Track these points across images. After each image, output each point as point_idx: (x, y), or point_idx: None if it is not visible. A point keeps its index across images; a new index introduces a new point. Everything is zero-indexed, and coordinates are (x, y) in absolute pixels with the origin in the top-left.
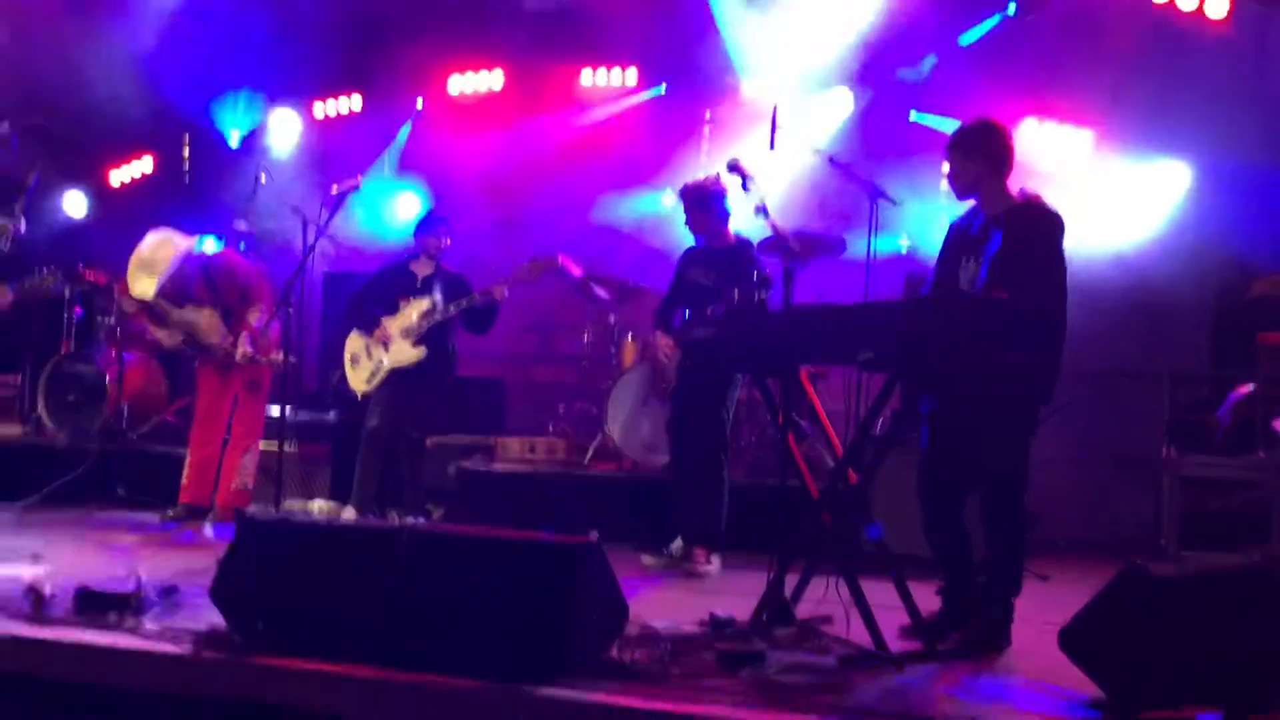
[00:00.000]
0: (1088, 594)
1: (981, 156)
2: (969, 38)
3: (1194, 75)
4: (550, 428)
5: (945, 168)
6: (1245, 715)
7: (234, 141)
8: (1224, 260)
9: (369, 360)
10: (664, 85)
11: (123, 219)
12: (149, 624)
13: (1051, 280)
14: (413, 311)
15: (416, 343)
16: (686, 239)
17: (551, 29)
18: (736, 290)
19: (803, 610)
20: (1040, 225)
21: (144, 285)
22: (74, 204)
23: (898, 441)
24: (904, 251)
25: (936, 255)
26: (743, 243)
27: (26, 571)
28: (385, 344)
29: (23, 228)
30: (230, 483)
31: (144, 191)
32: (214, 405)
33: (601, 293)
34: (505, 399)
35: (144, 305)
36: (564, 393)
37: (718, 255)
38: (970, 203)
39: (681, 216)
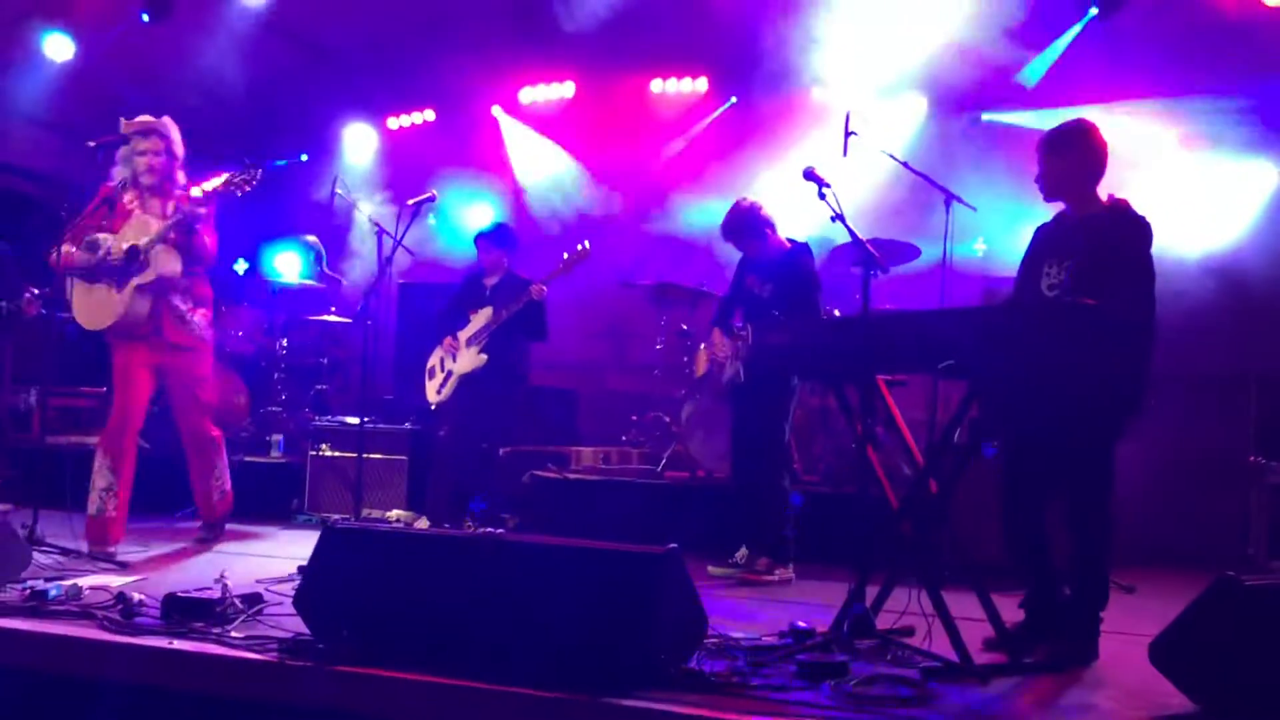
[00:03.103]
0: (1175, 605)
1: (1075, 157)
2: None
3: None
4: (624, 437)
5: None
6: None
7: (308, 155)
8: None
9: (441, 372)
10: (734, 97)
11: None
12: (235, 632)
13: (1140, 287)
14: (478, 320)
15: (480, 350)
16: None
17: (621, 39)
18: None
19: (884, 621)
20: (1129, 231)
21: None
22: None
23: (978, 451)
24: (979, 256)
25: (1018, 261)
26: (798, 249)
27: (115, 580)
28: (454, 354)
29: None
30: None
31: (218, 204)
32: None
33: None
34: (579, 408)
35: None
36: (637, 402)
37: (774, 263)
38: (1054, 207)
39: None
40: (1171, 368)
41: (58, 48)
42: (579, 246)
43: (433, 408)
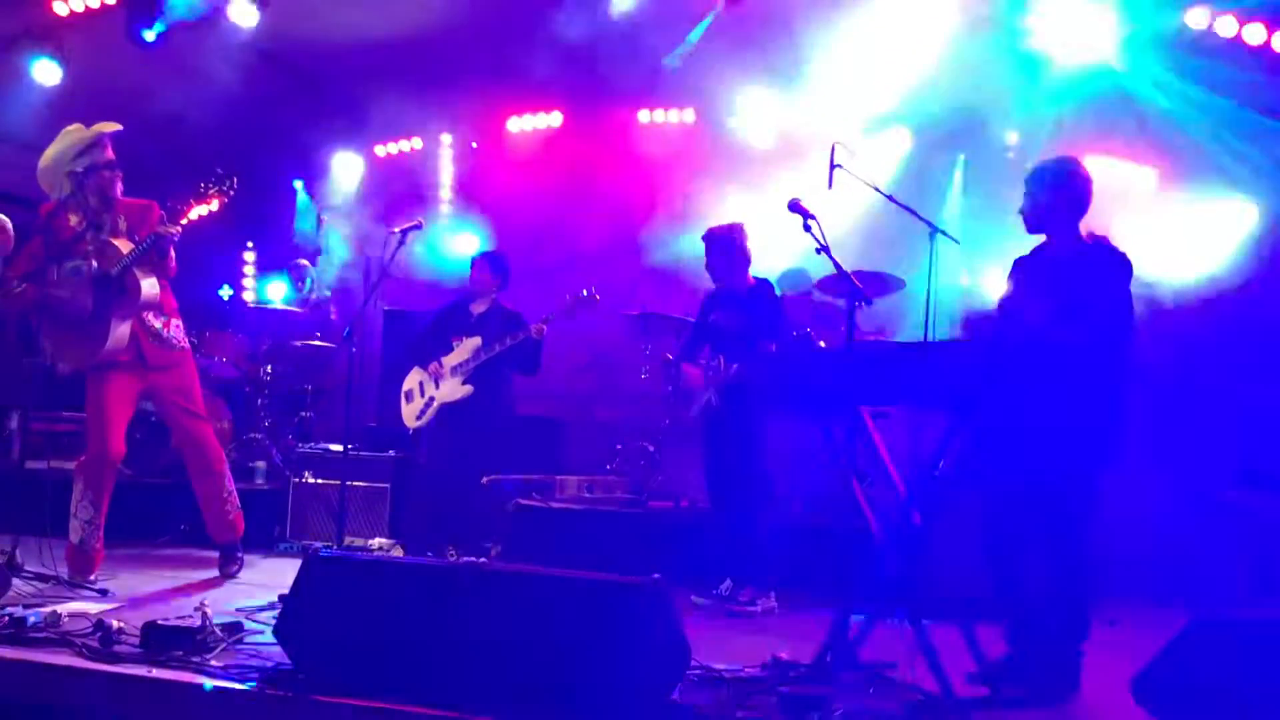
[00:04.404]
0: (1157, 639)
1: (1060, 192)
2: None
3: (1260, 112)
4: (608, 466)
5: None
6: None
7: (297, 182)
8: None
9: (421, 397)
10: (726, 122)
11: (187, 259)
12: (214, 661)
13: (1118, 321)
14: (464, 350)
15: (465, 380)
16: None
17: (609, 70)
18: (775, 346)
19: (867, 654)
20: (1108, 266)
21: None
22: None
23: (961, 482)
24: (963, 289)
25: (999, 294)
26: (762, 284)
27: (94, 607)
28: (437, 380)
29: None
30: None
31: (208, 231)
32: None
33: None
34: (564, 437)
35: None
36: (622, 431)
37: (739, 298)
38: (1037, 241)
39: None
40: (1153, 402)
41: (46, 72)
42: (584, 292)
43: (410, 432)
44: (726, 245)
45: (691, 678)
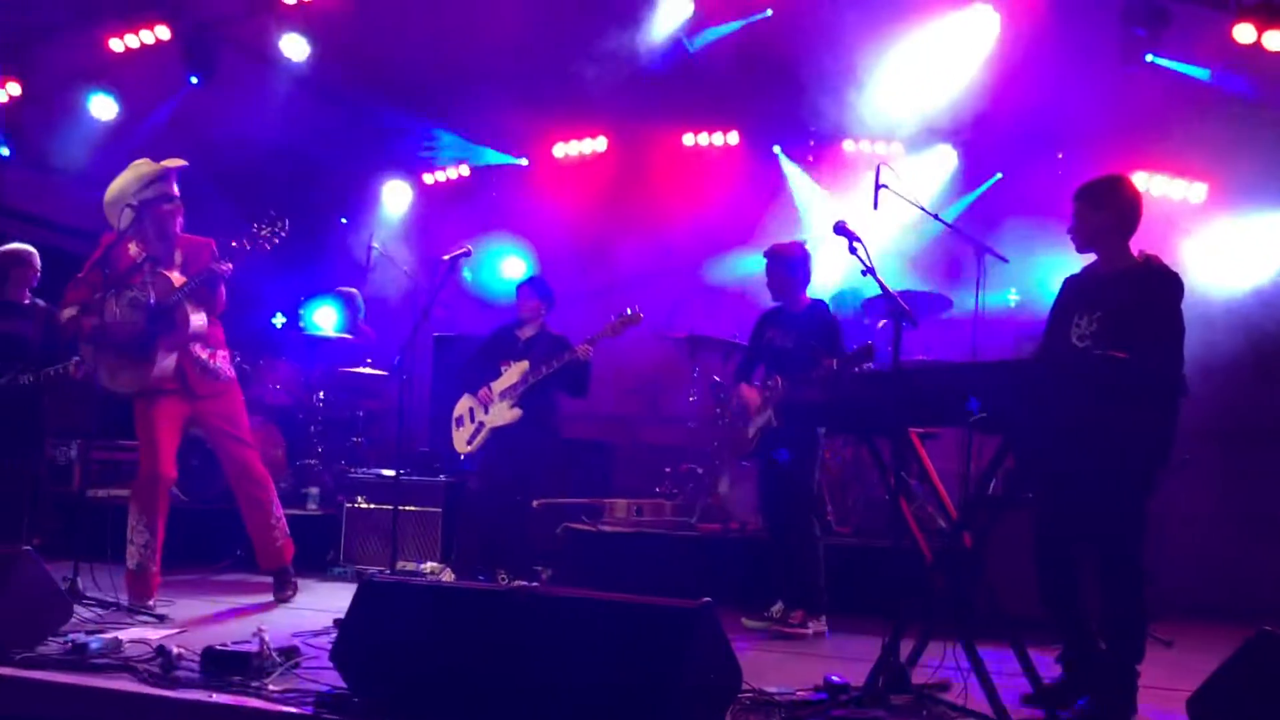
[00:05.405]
0: (1213, 660)
1: (1109, 210)
2: None
3: None
4: (657, 488)
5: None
6: None
7: (346, 218)
8: None
9: (471, 422)
10: (777, 147)
11: (234, 287)
12: (272, 685)
13: (1169, 341)
14: (513, 374)
15: (514, 405)
16: None
17: (654, 93)
18: (836, 361)
19: (919, 676)
20: (1159, 285)
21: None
22: None
23: (1012, 503)
24: (1013, 306)
25: (1048, 312)
26: (818, 304)
27: (155, 633)
28: (486, 406)
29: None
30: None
31: (262, 261)
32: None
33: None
34: (613, 461)
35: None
36: (670, 454)
37: (795, 317)
38: (1086, 259)
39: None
40: (1207, 422)
41: (102, 108)
42: (628, 311)
43: (461, 458)
44: (789, 262)
45: (744, 700)
